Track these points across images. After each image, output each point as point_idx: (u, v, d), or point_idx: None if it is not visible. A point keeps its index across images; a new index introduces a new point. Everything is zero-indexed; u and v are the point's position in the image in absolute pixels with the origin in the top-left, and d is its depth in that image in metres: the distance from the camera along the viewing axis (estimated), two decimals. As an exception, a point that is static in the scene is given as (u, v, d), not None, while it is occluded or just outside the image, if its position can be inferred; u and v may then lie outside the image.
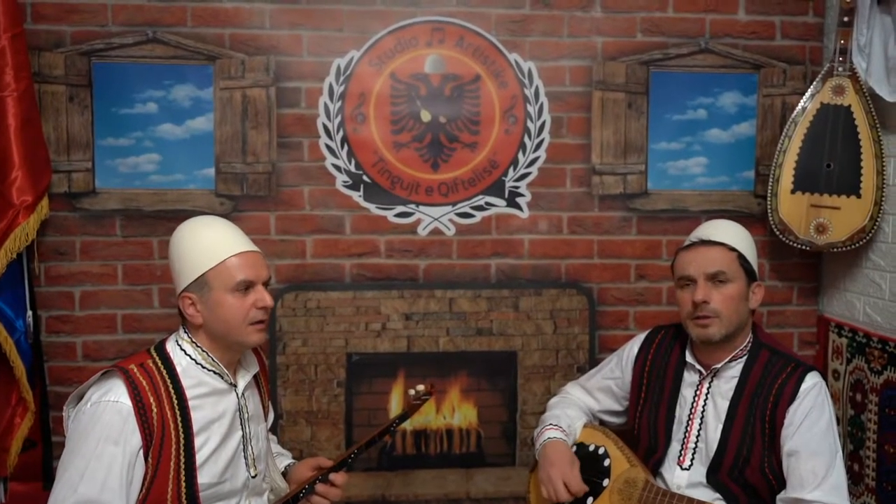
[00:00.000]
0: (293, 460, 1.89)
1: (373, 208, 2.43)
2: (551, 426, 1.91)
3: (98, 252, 2.36)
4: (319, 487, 1.68)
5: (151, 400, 1.46)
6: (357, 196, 2.43)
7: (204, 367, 1.57)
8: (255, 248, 1.62)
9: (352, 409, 2.47)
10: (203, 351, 1.57)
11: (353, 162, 2.41)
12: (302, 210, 2.42)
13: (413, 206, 2.44)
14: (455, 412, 2.52)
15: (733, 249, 1.77)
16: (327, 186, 2.41)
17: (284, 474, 1.81)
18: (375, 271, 2.46)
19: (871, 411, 2.27)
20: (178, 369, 1.54)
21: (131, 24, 2.31)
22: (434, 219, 2.45)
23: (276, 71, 2.37)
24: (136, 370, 1.49)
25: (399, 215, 2.44)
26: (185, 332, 1.59)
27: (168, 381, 1.51)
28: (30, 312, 2.24)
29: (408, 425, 2.49)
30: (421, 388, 1.91)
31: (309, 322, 2.43)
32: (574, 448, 1.91)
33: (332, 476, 1.70)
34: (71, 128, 2.31)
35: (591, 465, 1.85)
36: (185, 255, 1.56)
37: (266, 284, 1.60)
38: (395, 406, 2.49)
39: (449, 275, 2.48)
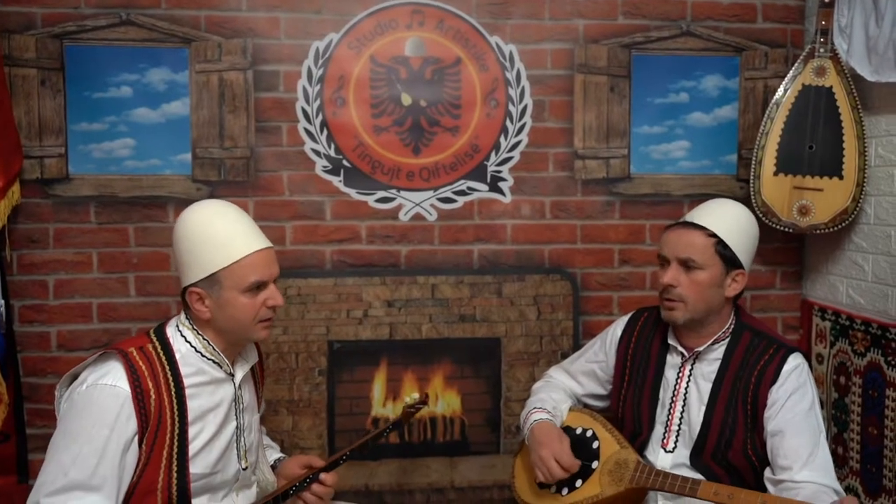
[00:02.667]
0: (282, 454, 1.86)
1: (353, 193, 2.40)
2: (537, 409, 1.89)
3: (72, 240, 2.31)
4: (314, 488, 1.65)
5: (150, 385, 1.42)
6: (337, 181, 2.39)
7: (203, 356, 1.53)
8: (268, 243, 1.57)
9: (334, 397, 2.44)
10: (204, 339, 1.54)
11: (332, 146, 2.38)
12: (281, 196, 2.38)
13: (394, 191, 2.41)
14: (438, 400, 2.49)
15: (713, 235, 1.72)
16: (307, 171, 2.38)
17: (273, 468, 1.78)
18: (356, 258, 2.43)
19: (854, 393, 2.27)
20: (178, 356, 1.50)
21: (104, 7, 2.26)
22: (415, 204, 2.42)
23: (254, 54, 2.33)
24: (135, 353, 1.45)
25: (380, 200, 2.41)
26: (188, 318, 1.55)
27: (167, 367, 1.47)
28: (2, 301, 2.18)
29: (391, 414, 2.46)
30: (416, 395, 1.89)
31: (289, 310, 2.40)
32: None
33: (323, 476, 1.66)
34: (43, 112, 2.26)
35: (580, 448, 1.83)
36: (196, 249, 1.50)
37: (276, 281, 1.57)
38: (377, 394, 2.46)
39: (431, 261, 2.45)
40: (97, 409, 1.38)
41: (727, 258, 1.73)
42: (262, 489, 1.70)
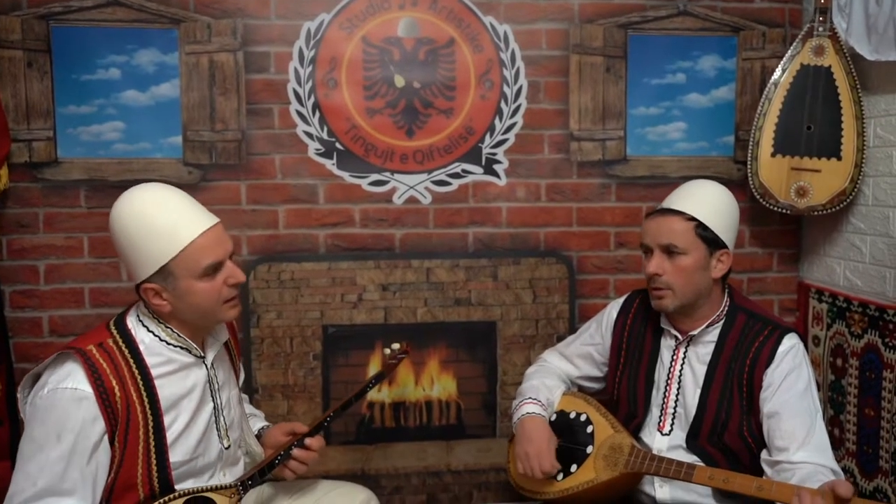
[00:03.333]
0: (266, 423, 1.83)
1: (346, 176, 2.37)
2: (530, 399, 1.87)
3: (62, 224, 2.29)
4: (296, 452, 1.63)
5: (114, 382, 1.37)
6: (330, 164, 2.36)
7: (169, 344, 1.48)
8: (213, 220, 1.46)
9: (329, 382, 2.43)
10: (168, 328, 1.48)
11: (325, 129, 2.35)
12: (273, 179, 2.35)
13: (388, 174, 2.39)
14: (434, 384, 2.48)
15: (692, 219, 1.70)
16: (299, 154, 2.35)
17: (258, 437, 1.75)
18: (350, 241, 2.40)
19: (851, 375, 2.26)
20: (142, 347, 1.44)
21: (91, -13, 2.23)
22: (410, 187, 2.40)
23: (244, 35, 2.29)
24: (94, 351, 1.38)
25: (374, 184, 2.39)
26: (148, 310, 1.48)
27: (131, 360, 1.41)
28: (-8, 287, 2.17)
29: (386, 398, 2.45)
30: (396, 346, 1.86)
31: (283, 294, 2.38)
32: (554, 416, 1.89)
33: (309, 441, 1.65)
34: (30, 95, 2.22)
35: (573, 433, 1.82)
36: (139, 243, 1.40)
37: (231, 256, 1.50)
38: (372, 379, 2.45)
39: (426, 244, 2.43)
40: (60, 415, 1.33)
41: (709, 240, 1.71)
42: (253, 460, 1.67)
